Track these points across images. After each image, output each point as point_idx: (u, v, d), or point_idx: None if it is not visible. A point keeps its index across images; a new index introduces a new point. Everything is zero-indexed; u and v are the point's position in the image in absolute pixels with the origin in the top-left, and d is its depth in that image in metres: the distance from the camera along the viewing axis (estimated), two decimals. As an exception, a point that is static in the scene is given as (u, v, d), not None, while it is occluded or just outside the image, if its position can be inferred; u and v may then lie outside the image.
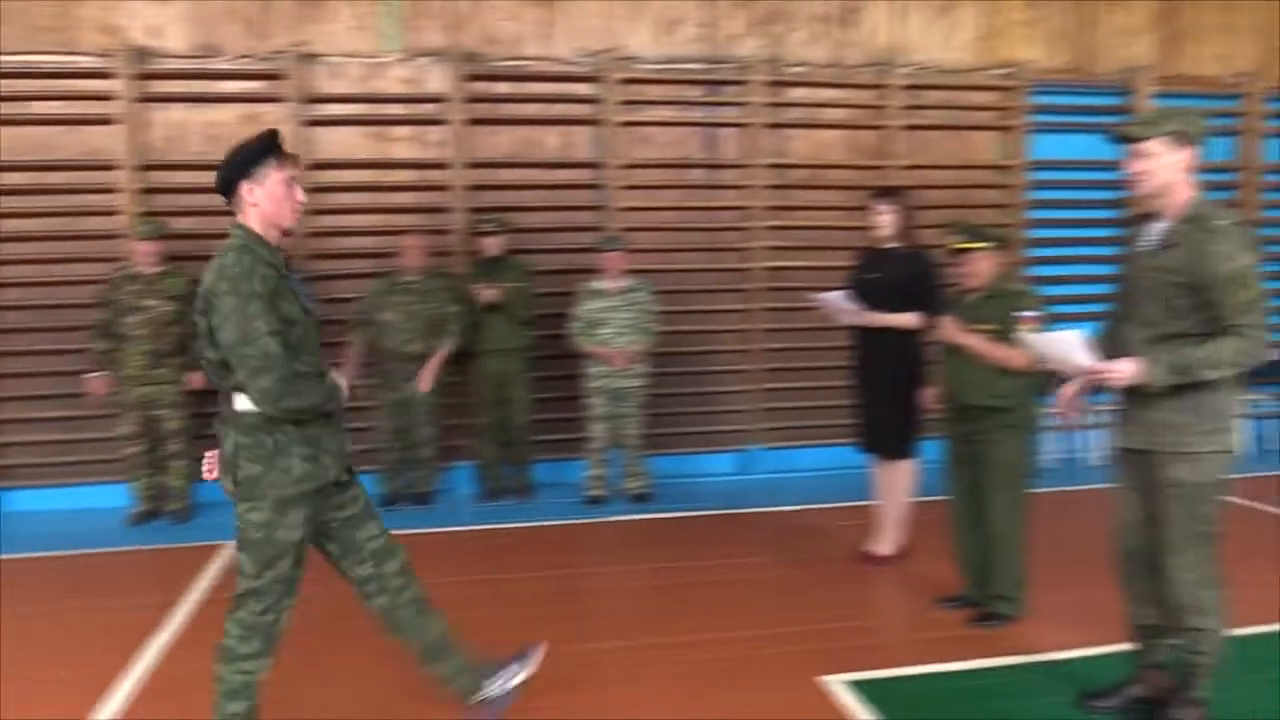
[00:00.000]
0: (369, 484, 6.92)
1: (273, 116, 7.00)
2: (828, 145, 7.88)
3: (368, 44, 7.18)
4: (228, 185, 3.06)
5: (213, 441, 3.24)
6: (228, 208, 3.13)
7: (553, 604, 5.03)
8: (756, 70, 7.58)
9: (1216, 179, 8.54)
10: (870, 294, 5.32)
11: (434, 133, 7.31)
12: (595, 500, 6.93)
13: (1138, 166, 3.34)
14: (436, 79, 7.25)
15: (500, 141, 7.39)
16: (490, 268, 6.83)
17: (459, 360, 6.92)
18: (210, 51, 7.00)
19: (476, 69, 7.27)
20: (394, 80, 7.25)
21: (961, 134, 8.11)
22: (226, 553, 5.79)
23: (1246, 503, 6.76)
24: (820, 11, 7.76)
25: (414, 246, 6.72)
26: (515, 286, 6.77)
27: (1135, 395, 3.44)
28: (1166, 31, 8.41)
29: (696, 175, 7.74)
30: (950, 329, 4.62)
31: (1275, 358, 7.42)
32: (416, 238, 6.78)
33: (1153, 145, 3.30)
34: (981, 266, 4.58)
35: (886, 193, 5.46)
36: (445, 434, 7.08)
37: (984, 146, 8.17)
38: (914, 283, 5.27)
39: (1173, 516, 3.42)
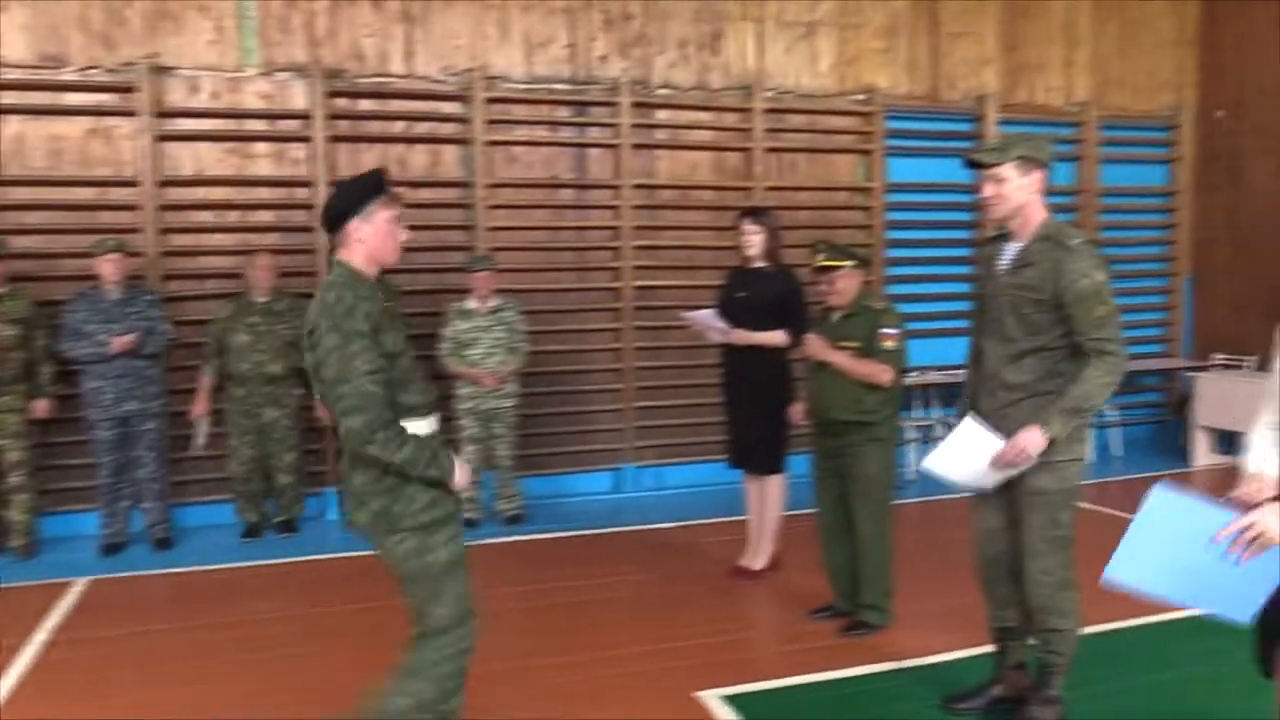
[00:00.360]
0: (227, 514, 6.79)
1: (123, 131, 6.74)
2: (694, 166, 8.01)
3: (225, 58, 6.95)
4: (336, 221, 3.03)
5: (56, 473, 3.07)
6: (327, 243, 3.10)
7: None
8: (624, 92, 7.65)
9: (1058, 202, 9.02)
10: (739, 312, 5.41)
11: (296, 150, 7.12)
12: (467, 523, 6.82)
13: (990, 190, 3.45)
14: (298, 95, 7.08)
15: (365, 159, 7.25)
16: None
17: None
18: (55, 62, 6.65)
19: (339, 85, 7.12)
20: (253, 95, 7.03)
21: (823, 156, 8.36)
22: (76, 590, 5.50)
23: (1095, 508, 7.12)
24: (686, 36, 7.89)
25: (264, 267, 6.51)
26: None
27: (996, 408, 3.55)
28: (1010, 63, 8.86)
29: (565, 195, 7.76)
30: (816, 346, 4.71)
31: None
32: (266, 257, 6.57)
33: (1003, 170, 3.41)
34: (846, 284, 4.68)
35: (754, 213, 5.55)
36: (308, 458, 6.88)
37: (845, 169, 8.44)
38: (781, 301, 5.38)
39: (1034, 523, 3.53)
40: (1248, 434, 2.57)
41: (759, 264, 5.47)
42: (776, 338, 5.35)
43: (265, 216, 7.13)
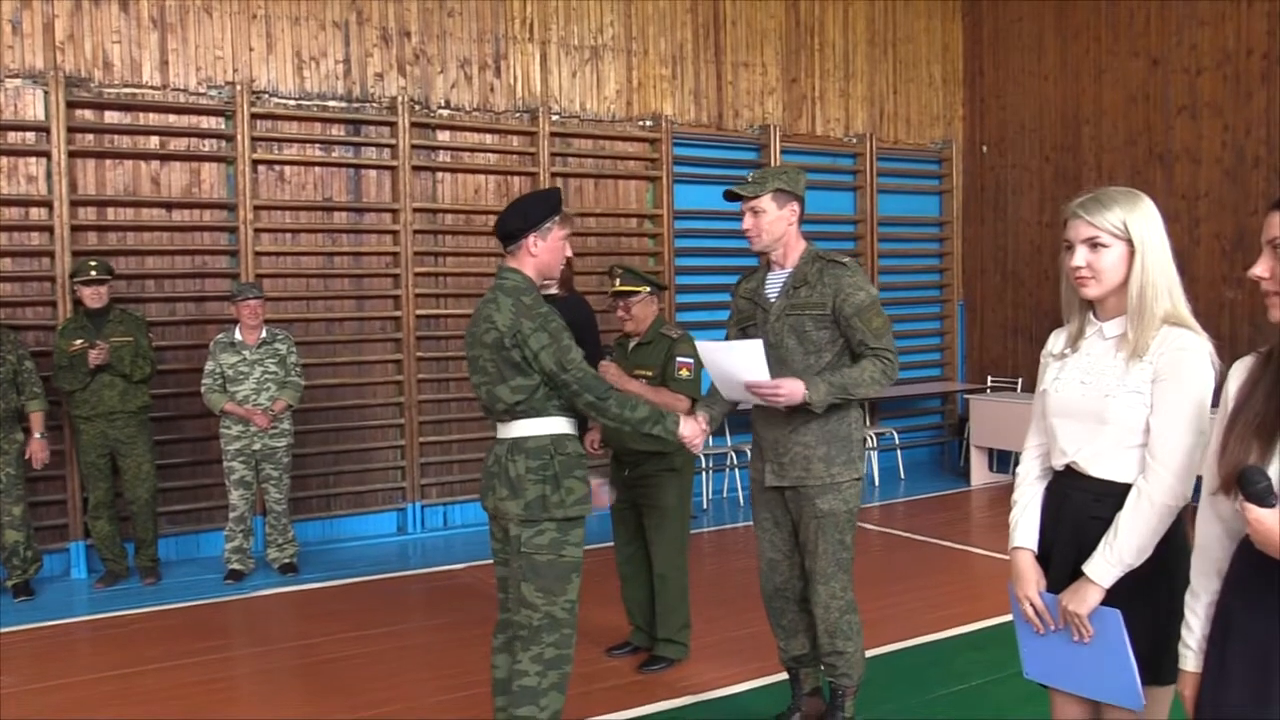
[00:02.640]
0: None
1: None
2: (478, 190, 7.72)
3: (-56, 62, 6.18)
4: (515, 234, 3.24)
5: None
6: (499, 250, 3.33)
7: (189, 696, 4.40)
8: (402, 111, 7.29)
9: (841, 230, 9.27)
10: None
11: (31, 165, 6.39)
12: (235, 575, 6.23)
13: (749, 223, 3.55)
14: (34, 104, 6.36)
15: (113, 176, 6.60)
16: (93, 321, 6.01)
17: (54, 426, 6.04)
18: None
19: (82, 95, 6.45)
20: (-21, 104, 6.28)
21: (611, 182, 8.25)
22: None
23: (882, 529, 7.24)
24: (467, 55, 7.62)
25: None
26: (123, 342, 5.99)
27: (773, 434, 3.56)
28: (793, 94, 9.05)
29: (340, 219, 7.30)
30: (611, 374, 4.55)
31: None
32: None
33: (761, 202, 3.50)
34: (642, 310, 4.62)
35: None
36: (45, 511, 6.14)
37: (633, 195, 8.36)
38: (576, 330, 5.15)
39: (822, 546, 3.53)
40: (1019, 460, 2.56)
41: (550, 291, 5.22)
42: None
43: (-5, 239, 6.36)
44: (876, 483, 8.88)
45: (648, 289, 4.62)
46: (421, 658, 4.88)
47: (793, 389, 3.35)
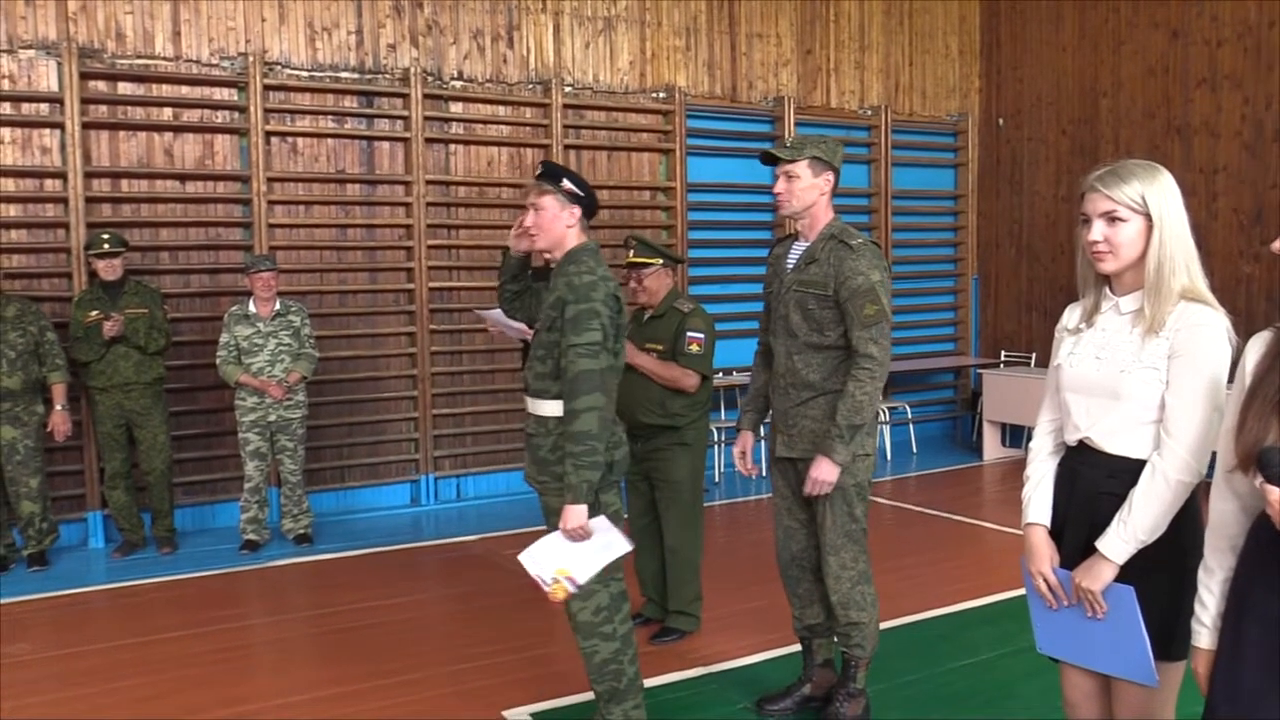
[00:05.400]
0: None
1: None
2: (491, 162, 7.70)
3: (-43, 33, 6.18)
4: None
5: None
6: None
7: (205, 664, 4.44)
8: (415, 83, 7.26)
9: (855, 204, 9.22)
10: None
11: (44, 137, 6.40)
12: (251, 546, 6.28)
13: (782, 186, 3.52)
14: (47, 75, 6.36)
15: (126, 148, 6.60)
16: (109, 293, 6.04)
17: (73, 396, 6.08)
18: None
19: (95, 66, 6.44)
20: (-8, 75, 6.27)
21: (624, 154, 8.21)
22: None
23: (895, 503, 7.25)
24: (480, 26, 7.58)
25: None
26: (138, 314, 6.02)
27: (783, 407, 3.59)
28: (807, 66, 8.98)
29: (353, 191, 7.29)
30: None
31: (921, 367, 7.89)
32: None
33: (797, 167, 3.47)
34: (655, 283, 4.60)
35: None
36: (63, 481, 6.19)
37: (646, 167, 8.32)
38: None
39: (831, 518, 3.54)
40: (1032, 435, 2.55)
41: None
42: None
43: (10, 211, 6.36)
44: (889, 457, 8.88)
45: (660, 261, 4.60)
46: (435, 627, 4.92)
47: (824, 472, 3.39)
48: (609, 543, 3.21)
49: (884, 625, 4.21)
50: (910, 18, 9.51)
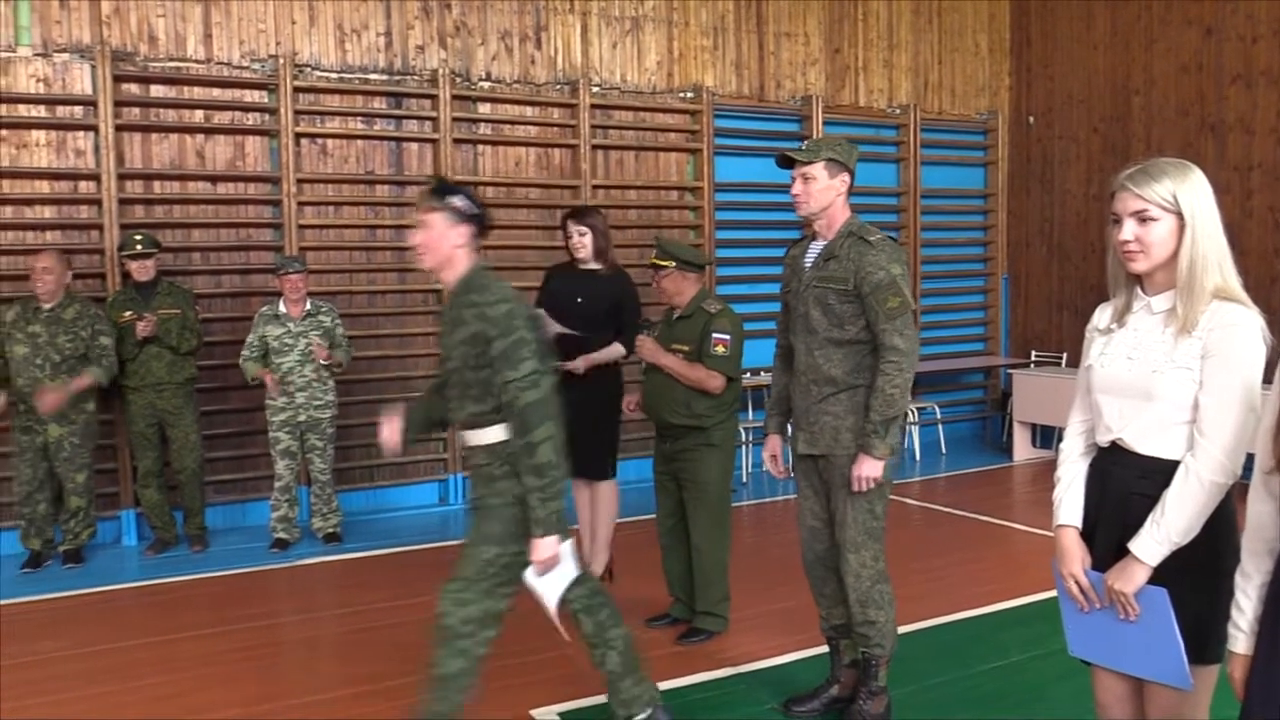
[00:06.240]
0: (9, 541, 6.11)
1: None
2: (519, 163, 7.72)
3: (-6, 37, 6.27)
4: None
5: None
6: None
7: (234, 662, 4.48)
8: (443, 84, 7.29)
9: (884, 203, 9.17)
10: (576, 318, 5.10)
11: (79, 139, 6.48)
12: (281, 544, 6.33)
13: (799, 188, 3.56)
14: (81, 79, 6.44)
15: (158, 150, 6.67)
16: (141, 294, 6.11)
17: (107, 396, 6.14)
18: None
19: (128, 69, 6.52)
20: (28, 78, 6.34)
21: (652, 154, 8.21)
22: None
23: (923, 504, 7.20)
24: (508, 27, 7.60)
25: (47, 269, 5.84)
26: (170, 314, 6.08)
27: (805, 403, 3.62)
28: (835, 65, 8.94)
29: (382, 192, 7.33)
30: (648, 348, 4.57)
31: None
32: (51, 258, 5.89)
33: (813, 169, 3.51)
34: (671, 284, 4.58)
35: (578, 214, 5.22)
36: (98, 480, 6.26)
37: (674, 167, 8.32)
38: (618, 304, 5.14)
39: (853, 515, 3.54)
40: (1063, 436, 2.53)
41: (591, 266, 5.21)
42: (615, 352, 5.11)
43: (43, 213, 6.45)
44: (918, 457, 8.83)
45: (673, 264, 4.56)
46: (463, 627, 4.92)
47: (868, 469, 3.43)
48: (567, 569, 3.23)
49: (913, 626, 4.21)
50: (939, 16, 9.45)
